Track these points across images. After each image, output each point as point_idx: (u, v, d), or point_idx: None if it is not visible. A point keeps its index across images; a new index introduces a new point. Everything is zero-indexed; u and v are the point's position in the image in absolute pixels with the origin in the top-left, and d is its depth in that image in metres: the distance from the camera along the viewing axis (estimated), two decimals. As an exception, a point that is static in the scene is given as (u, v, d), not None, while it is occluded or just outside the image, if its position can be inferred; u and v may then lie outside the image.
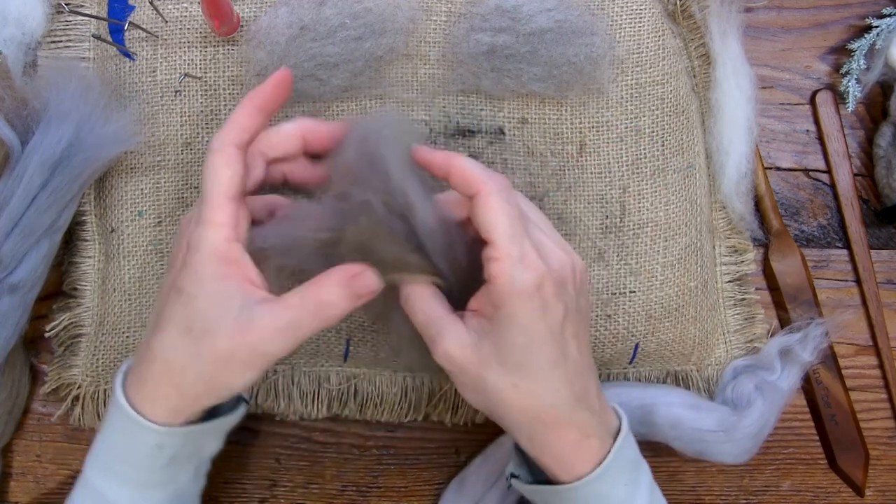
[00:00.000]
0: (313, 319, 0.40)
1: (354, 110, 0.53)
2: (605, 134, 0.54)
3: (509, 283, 0.39)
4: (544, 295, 0.40)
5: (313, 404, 0.56)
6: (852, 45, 0.60)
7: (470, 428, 0.58)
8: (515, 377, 0.40)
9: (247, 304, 0.39)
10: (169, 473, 0.43)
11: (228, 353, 0.39)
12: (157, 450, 0.42)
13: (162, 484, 0.44)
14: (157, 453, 0.42)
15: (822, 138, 0.60)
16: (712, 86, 0.55)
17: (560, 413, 0.41)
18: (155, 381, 0.41)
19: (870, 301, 0.60)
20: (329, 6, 0.49)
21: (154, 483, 0.43)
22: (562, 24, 0.50)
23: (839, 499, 0.60)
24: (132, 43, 0.53)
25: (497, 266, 0.40)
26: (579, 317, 0.42)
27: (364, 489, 0.58)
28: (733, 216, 0.58)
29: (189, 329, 0.40)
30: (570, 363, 0.41)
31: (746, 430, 0.53)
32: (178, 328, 0.40)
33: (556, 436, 0.42)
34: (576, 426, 0.42)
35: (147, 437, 0.42)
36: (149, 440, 0.42)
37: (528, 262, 0.40)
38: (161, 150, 0.53)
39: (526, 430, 0.42)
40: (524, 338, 0.40)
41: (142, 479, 0.43)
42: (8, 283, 0.48)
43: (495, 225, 0.40)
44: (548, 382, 0.41)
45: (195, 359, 0.40)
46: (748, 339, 0.59)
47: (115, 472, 0.43)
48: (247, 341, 0.39)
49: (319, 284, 0.40)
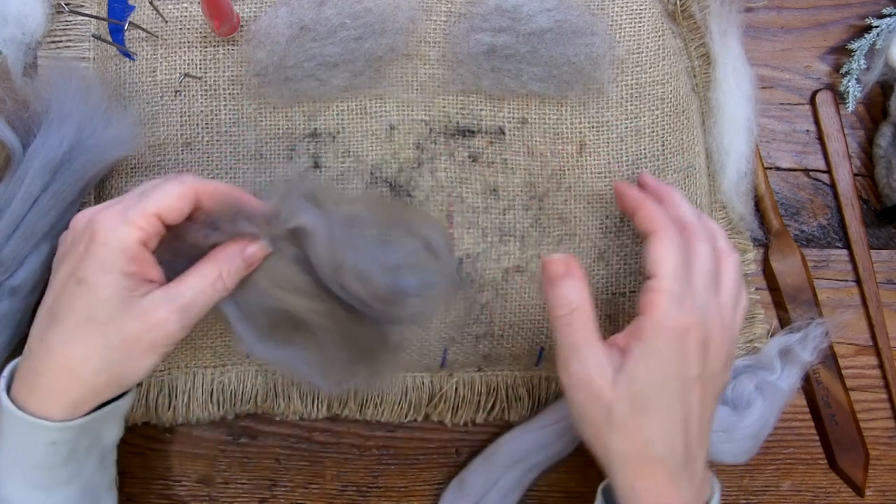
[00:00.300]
0: (212, 291, 0.42)
1: (354, 110, 0.53)
2: (605, 134, 0.54)
3: (664, 315, 0.41)
4: (688, 343, 0.41)
5: (313, 404, 0.56)
6: (852, 45, 0.60)
7: (470, 428, 0.58)
8: (642, 419, 0.41)
9: (149, 292, 0.41)
10: (71, 469, 0.43)
11: (135, 337, 0.41)
12: (52, 447, 0.42)
13: (67, 481, 0.43)
14: (54, 451, 0.42)
15: (822, 138, 0.60)
16: (712, 86, 0.55)
17: (669, 467, 0.41)
18: (53, 375, 0.41)
19: (870, 301, 0.60)
20: (329, 6, 0.49)
21: (59, 481, 0.43)
22: (562, 24, 0.50)
23: (839, 499, 0.60)
24: (132, 43, 0.53)
25: (656, 297, 0.41)
26: (711, 385, 0.43)
27: (364, 489, 0.58)
28: (733, 216, 0.58)
29: (92, 318, 0.40)
30: (689, 424, 0.42)
31: (746, 431, 0.53)
32: (78, 318, 0.41)
33: (658, 488, 0.42)
34: (676, 487, 0.42)
35: (40, 436, 0.41)
36: (42, 438, 0.41)
37: (685, 304, 0.41)
38: (161, 150, 0.53)
39: (629, 475, 0.42)
40: (661, 378, 0.41)
41: (45, 479, 0.43)
42: (8, 285, 0.48)
43: (664, 260, 0.42)
44: (668, 436, 0.41)
45: (100, 347, 0.41)
46: (748, 339, 0.59)
47: (17, 476, 0.42)
48: (152, 323, 0.41)
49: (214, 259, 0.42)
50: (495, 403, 0.57)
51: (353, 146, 0.54)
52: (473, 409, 0.57)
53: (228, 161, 0.53)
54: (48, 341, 0.41)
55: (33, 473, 0.42)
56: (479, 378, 0.57)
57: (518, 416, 0.57)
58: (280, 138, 0.53)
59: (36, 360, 0.42)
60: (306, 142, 0.53)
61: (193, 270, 0.42)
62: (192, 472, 0.57)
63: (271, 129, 0.53)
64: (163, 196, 0.41)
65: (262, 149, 0.53)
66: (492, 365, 0.57)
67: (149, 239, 0.41)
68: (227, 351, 0.55)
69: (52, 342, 0.41)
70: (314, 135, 0.53)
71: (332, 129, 0.54)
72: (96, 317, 0.40)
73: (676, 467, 0.42)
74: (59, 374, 0.41)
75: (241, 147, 0.53)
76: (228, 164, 0.53)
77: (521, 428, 0.56)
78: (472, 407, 0.57)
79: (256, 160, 0.53)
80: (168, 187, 0.41)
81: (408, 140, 0.54)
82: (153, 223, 0.41)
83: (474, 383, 0.57)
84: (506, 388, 0.57)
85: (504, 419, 0.58)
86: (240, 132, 0.53)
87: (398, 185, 0.54)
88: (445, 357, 0.56)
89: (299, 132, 0.53)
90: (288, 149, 0.53)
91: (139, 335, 0.41)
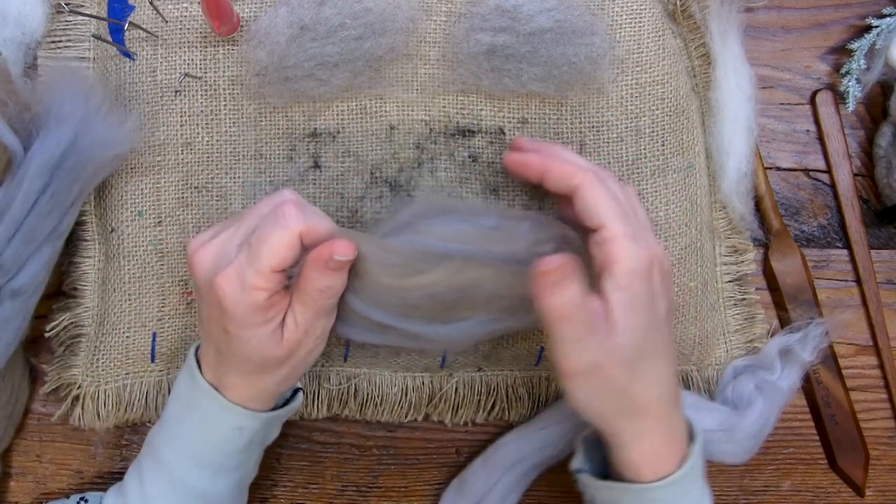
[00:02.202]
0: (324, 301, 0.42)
1: (354, 110, 0.53)
2: (605, 134, 0.54)
3: (632, 258, 0.39)
4: (654, 279, 0.40)
5: (313, 404, 0.56)
6: (852, 45, 0.60)
7: (470, 428, 0.58)
8: (633, 368, 0.40)
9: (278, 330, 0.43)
10: (241, 458, 0.46)
11: (285, 376, 0.45)
12: (237, 433, 0.44)
13: (234, 469, 0.46)
14: (238, 436, 0.44)
15: (822, 138, 0.60)
16: (712, 86, 0.55)
17: (662, 407, 0.41)
18: (238, 381, 0.44)
19: (870, 301, 0.60)
20: (329, 6, 0.49)
21: (227, 468, 0.46)
22: (562, 24, 0.50)
23: (839, 499, 0.60)
24: (132, 43, 0.53)
25: (616, 244, 0.40)
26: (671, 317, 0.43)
27: (364, 489, 0.58)
28: (733, 216, 0.58)
29: (249, 361, 0.43)
30: (673, 360, 0.42)
31: (747, 430, 0.53)
32: (238, 360, 0.43)
33: (651, 431, 0.41)
34: (669, 424, 0.42)
35: (228, 420, 0.44)
36: (231, 423, 0.44)
37: (640, 242, 0.40)
38: (161, 150, 0.53)
39: (621, 421, 0.42)
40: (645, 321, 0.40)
41: (218, 462, 0.45)
42: (9, 288, 0.48)
43: (605, 207, 0.41)
44: (660, 376, 0.41)
45: (270, 383, 0.45)
46: (748, 339, 0.59)
47: (193, 452, 0.45)
48: (294, 359, 0.44)
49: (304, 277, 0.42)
50: (495, 403, 0.57)
51: (353, 146, 0.54)
52: (473, 409, 0.57)
53: (228, 161, 0.53)
54: (225, 365, 0.44)
55: (209, 453, 0.45)
56: (479, 378, 0.57)
57: (518, 416, 0.57)
58: (280, 138, 0.53)
59: (221, 369, 0.44)
60: (306, 142, 0.53)
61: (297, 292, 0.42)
62: (192, 472, 0.57)
63: (271, 129, 0.53)
64: (273, 252, 0.40)
65: (262, 149, 0.53)
66: (492, 365, 0.57)
67: (275, 289, 0.41)
68: (227, 351, 0.55)
69: (225, 372, 0.44)
70: (314, 135, 0.54)
71: (332, 129, 0.54)
72: (252, 361, 0.43)
73: (670, 404, 0.42)
74: (243, 384, 0.45)
75: (241, 147, 0.53)
76: (228, 164, 0.53)
77: (522, 428, 0.56)
78: (472, 407, 0.57)
79: (256, 160, 0.53)
80: (276, 239, 0.40)
81: (408, 140, 0.54)
82: (273, 279, 0.41)
83: (474, 383, 0.57)
84: (506, 388, 0.57)
85: (504, 419, 0.58)
86: (240, 132, 0.53)
87: (398, 185, 0.54)
88: (445, 357, 0.56)
89: (299, 132, 0.53)
90: (288, 149, 0.53)
91: (288, 374, 0.45)
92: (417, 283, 0.42)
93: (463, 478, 0.56)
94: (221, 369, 0.44)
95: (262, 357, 0.43)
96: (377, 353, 0.55)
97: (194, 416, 0.45)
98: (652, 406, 0.41)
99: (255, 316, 0.41)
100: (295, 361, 0.44)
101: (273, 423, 0.48)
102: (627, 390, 0.40)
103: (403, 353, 0.55)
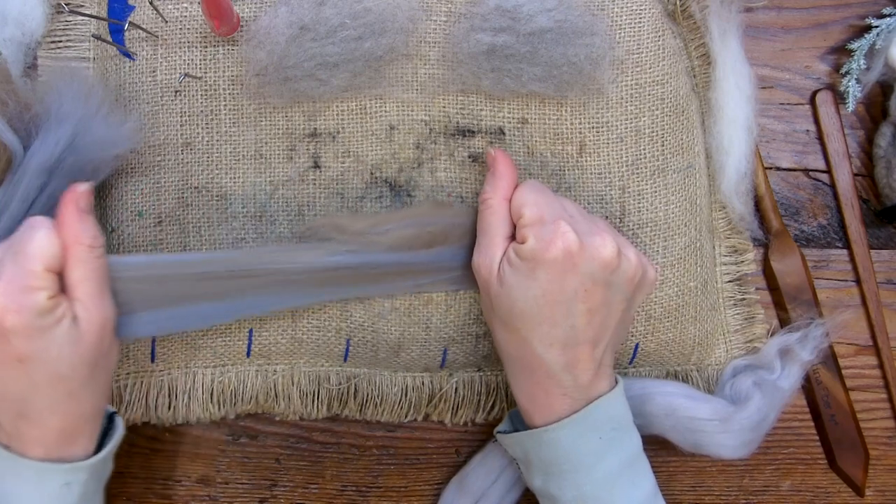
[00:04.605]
0: (96, 258, 0.43)
1: (354, 110, 0.53)
2: (604, 134, 0.54)
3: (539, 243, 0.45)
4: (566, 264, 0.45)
5: (313, 404, 0.56)
6: (852, 45, 0.60)
7: (470, 428, 0.58)
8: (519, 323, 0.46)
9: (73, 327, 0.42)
10: None
11: (101, 385, 0.44)
12: (65, 488, 0.42)
13: None
14: (66, 492, 0.42)
15: (822, 138, 0.60)
16: (712, 86, 0.55)
17: (547, 366, 0.46)
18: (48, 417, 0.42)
19: (870, 301, 0.60)
20: (329, 6, 0.49)
21: None
22: (562, 24, 0.50)
23: (839, 499, 0.60)
24: (132, 43, 0.53)
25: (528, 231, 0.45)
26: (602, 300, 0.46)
27: (364, 489, 0.58)
28: (733, 216, 0.58)
29: (58, 378, 0.42)
30: (570, 331, 0.45)
31: (743, 423, 0.53)
32: (48, 393, 0.42)
33: (538, 385, 0.47)
34: (557, 382, 0.46)
35: (53, 479, 0.42)
36: (56, 481, 0.42)
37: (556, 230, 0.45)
38: (161, 150, 0.53)
39: (514, 367, 0.48)
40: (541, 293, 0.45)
41: None
42: None
43: (527, 200, 0.47)
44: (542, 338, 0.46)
45: (78, 411, 0.43)
46: (748, 338, 0.59)
47: None
48: (102, 358, 0.44)
49: (70, 239, 0.43)
50: (495, 403, 0.57)
51: (353, 146, 0.54)
52: (473, 409, 0.57)
53: (228, 161, 0.53)
54: (27, 418, 0.42)
55: None
56: (479, 378, 0.57)
57: (518, 416, 0.57)
58: (280, 138, 0.53)
59: (23, 425, 0.42)
60: (306, 142, 0.53)
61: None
62: (192, 472, 0.57)
63: (271, 129, 0.53)
64: (41, 248, 0.41)
65: (262, 149, 0.53)
66: (492, 365, 0.57)
67: (53, 290, 0.41)
68: (227, 351, 0.55)
69: (30, 424, 0.42)
70: (314, 135, 0.54)
71: (332, 129, 0.54)
72: (61, 373, 0.42)
73: (558, 367, 0.46)
74: (56, 423, 0.42)
75: (241, 147, 0.53)
76: (228, 164, 0.53)
77: (521, 428, 0.56)
78: (472, 407, 0.57)
79: (256, 160, 0.53)
80: (38, 237, 0.41)
81: (408, 140, 0.54)
82: (48, 279, 0.41)
83: (474, 383, 0.57)
84: (506, 388, 0.57)
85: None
86: (240, 132, 0.53)
87: (398, 185, 0.54)
88: (445, 357, 0.56)
89: (299, 132, 0.53)
90: (288, 149, 0.53)
91: (100, 357, 0.43)
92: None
93: (463, 476, 0.56)
94: (23, 425, 0.42)
95: (71, 363, 0.41)
96: (377, 353, 0.55)
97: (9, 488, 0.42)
98: (541, 365, 0.46)
99: (42, 318, 0.40)
100: (104, 363, 0.44)
101: (105, 466, 0.45)
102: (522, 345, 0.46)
103: (403, 352, 0.55)
